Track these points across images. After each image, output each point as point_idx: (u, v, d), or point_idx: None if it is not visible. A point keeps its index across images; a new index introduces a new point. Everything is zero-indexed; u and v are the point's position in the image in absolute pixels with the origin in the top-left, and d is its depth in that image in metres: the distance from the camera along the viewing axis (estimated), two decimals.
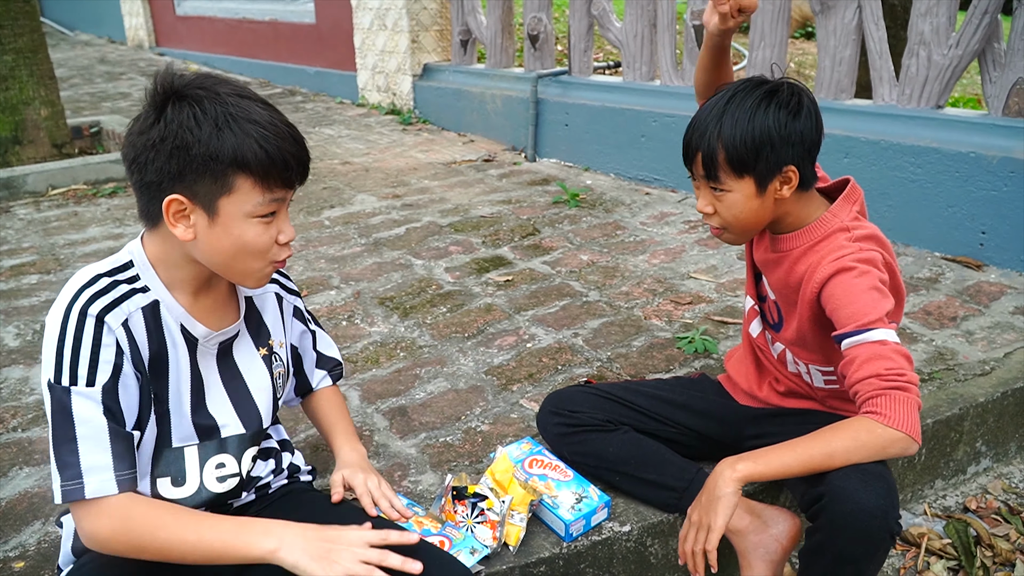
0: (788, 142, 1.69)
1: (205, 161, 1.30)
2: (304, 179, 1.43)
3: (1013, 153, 3.26)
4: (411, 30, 6.32)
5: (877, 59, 3.72)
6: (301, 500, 1.70)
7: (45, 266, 3.68)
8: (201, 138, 1.30)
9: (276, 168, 1.34)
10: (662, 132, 4.64)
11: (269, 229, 1.40)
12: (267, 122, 1.34)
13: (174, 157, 1.31)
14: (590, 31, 5.19)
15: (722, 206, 1.77)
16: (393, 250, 3.76)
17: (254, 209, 1.36)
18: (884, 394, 1.59)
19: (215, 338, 1.53)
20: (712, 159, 1.71)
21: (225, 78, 1.41)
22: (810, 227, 1.81)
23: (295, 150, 1.37)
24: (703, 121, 1.73)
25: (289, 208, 1.46)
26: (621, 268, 3.49)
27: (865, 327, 1.64)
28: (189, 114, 1.31)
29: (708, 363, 2.66)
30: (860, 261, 1.70)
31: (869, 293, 1.67)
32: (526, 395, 2.49)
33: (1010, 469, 2.57)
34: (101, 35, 12.97)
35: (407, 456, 2.21)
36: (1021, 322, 2.87)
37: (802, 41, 9.67)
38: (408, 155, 5.58)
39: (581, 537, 1.88)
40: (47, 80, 5.21)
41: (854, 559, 1.58)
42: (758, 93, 1.69)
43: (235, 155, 1.31)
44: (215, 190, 1.33)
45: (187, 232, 1.36)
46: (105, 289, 1.38)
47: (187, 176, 1.32)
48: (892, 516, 1.55)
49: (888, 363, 1.60)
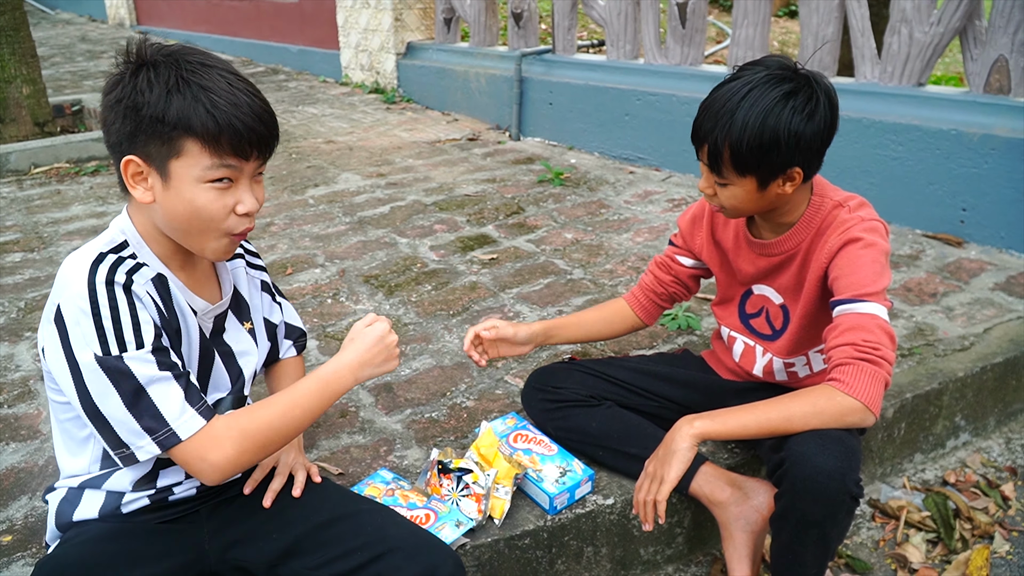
0: (796, 148, 1.66)
1: (152, 123, 1.32)
2: (265, 153, 1.43)
3: (994, 130, 3.28)
4: (394, 8, 6.28)
5: (859, 37, 3.73)
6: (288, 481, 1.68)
7: (28, 244, 3.67)
8: (150, 100, 1.31)
9: (225, 135, 1.34)
10: (646, 110, 4.64)
11: (223, 196, 1.39)
12: (221, 89, 1.34)
13: (127, 118, 1.33)
14: (574, 9, 5.17)
15: (723, 192, 1.77)
16: (378, 228, 3.76)
17: (203, 173, 1.35)
18: (852, 364, 1.62)
19: (211, 311, 1.55)
20: (717, 155, 1.69)
21: (204, 51, 1.42)
22: (807, 217, 1.81)
23: (250, 121, 1.36)
24: (714, 112, 1.68)
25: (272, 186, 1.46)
26: (605, 246, 3.50)
27: (860, 297, 1.67)
28: (144, 77, 1.33)
29: (691, 340, 2.68)
30: (866, 231, 1.72)
31: (872, 266, 1.69)
32: (511, 371, 2.51)
33: (989, 443, 2.60)
34: (82, 13, 12.85)
35: (392, 432, 2.22)
36: (1001, 298, 2.90)
37: (785, 20, 9.68)
38: (392, 134, 5.57)
39: (565, 510, 1.90)
40: (29, 58, 5.17)
41: (817, 522, 1.62)
42: (776, 93, 1.64)
43: (180, 118, 1.31)
44: (164, 152, 1.34)
45: (146, 194, 1.37)
46: (116, 263, 1.38)
47: (139, 137, 1.33)
48: (850, 478, 1.58)
49: (867, 335, 1.63)
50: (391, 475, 1.94)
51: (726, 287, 2.07)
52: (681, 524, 2.08)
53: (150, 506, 1.52)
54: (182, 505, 1.56)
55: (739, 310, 2.04)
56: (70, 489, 1.51)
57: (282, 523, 1.57)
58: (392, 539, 1.47)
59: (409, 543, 1.46)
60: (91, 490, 1.50)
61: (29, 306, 3.02)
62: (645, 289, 2.18)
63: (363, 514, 1.55)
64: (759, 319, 1.99)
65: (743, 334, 2.04)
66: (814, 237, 1.81)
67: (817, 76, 1.70)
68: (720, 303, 2.11)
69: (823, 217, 1.80)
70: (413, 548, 1.45)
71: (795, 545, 1.70)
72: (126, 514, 1.51)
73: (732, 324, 2.06)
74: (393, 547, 1.45)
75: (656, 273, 2.17)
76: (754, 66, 1.71)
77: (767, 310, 1.97)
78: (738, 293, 2.04)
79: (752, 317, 2.01)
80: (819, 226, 1.80)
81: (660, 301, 2.18)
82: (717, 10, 9.83)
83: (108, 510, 1.50)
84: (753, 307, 2.01)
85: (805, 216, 1.82)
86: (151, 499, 1.52)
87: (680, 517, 2.07)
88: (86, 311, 1.31)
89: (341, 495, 1.66)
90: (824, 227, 1.79)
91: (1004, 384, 2.57)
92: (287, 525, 1.56)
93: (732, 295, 2.06)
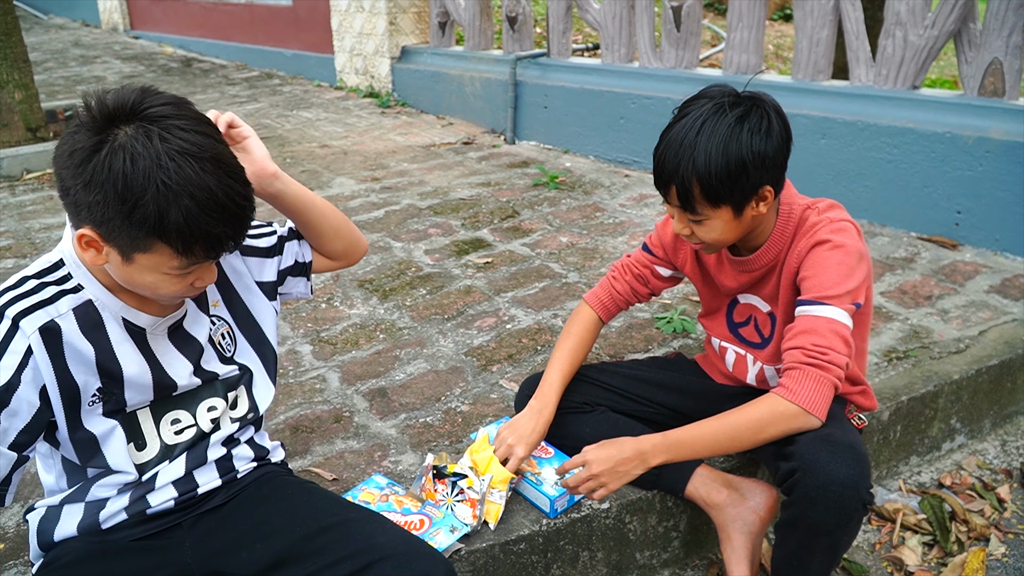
0: (763, 167, 1.65)
1: (124, 224, 1.22)
2: (238, 246, 1.35)
3: (989, 133, 3.29)
4: (389, 12, 6.28)
5: (854, 40, 3.73)
6: (272, 486, 1.64)
7: (21, 250, 3.65)
8: (126, 200, 1.20)
9: (199, 245, 1.26)
10: (641, 114, 4.64)
11: (184, 279, 1.34)
12: (205, 197, 1.23)
13: (95, 208, 1.22)
14: (569, 12, 5.17)
15: (701, 229, 1.74)
16: (372, 232, 3.75)
17: (170, 271, 1.29)
18: (799, 368, 1.64)
19: (162, 324, 1.48)
20: (687, 192, 1.67)
21: (184, 119, 1.27)
22: (779, 227, 1.80)
23: (227, 229, 1.28)
24: (674, 153, 1.66)
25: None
26: (600, 250, 3.49)
27: (819, 300, 1.67)
28: (120, 170, 1.20)
29: (686, 343, 2.67)
30: (834, 232, 1.71)
31: (837, 268, 1.69)
32: (506, 376, 2.50)
33: (984, 446, 2.60)
34: (75, 18, 12.81)
35: (387, 437, 2.21)
36: (996, 300, 2.90)
37: (780, 23, 9.70)
38: (387, 138, 5.56)
39: (561, 514, 1.89)
40: (21, 63, 5.15)
41: (828, 530, 1.61)
42: (729, 120, 1.62)
43: (156, 226, 1.22)
44: (132, 246, 1.26)
45: (98, 259, 1.30)
46: (29, 292, 1.33)
47: (104, 225, 1.24)
48: (863, 486, 1.58)
49: (818, 339, 1.64)
50: (385, 480, 1.93)
51: (710, 299, 2.06)
52: (677, 528, 2.07)
53: (129, 520, 1.49)
54: (162, 518, 1.53)
55: (727, 320, 2.03)
56: (49, 507, 1.50)
57: (267, 533, 1.52)
58: (382, 547, 1.44)
59: (400, 550, 1.43)
60: (70, 504, 1.48)
61: None
62: (616, 297, 2.13)
63: (352, 522, 1.51)
64: (748, 328, 1.98)
65: (733, 343, 2.03)
66: (791, 244, 1.80)
67: (761, 95, 1.70)
68: (707, 315, 2.10)
69: (795, 223, 1.79)
70: (404, 555, 1.43)
71: (802, 552, 1.69)
72: (106, 530, 1.48)
73: (721, 334, 2.05)
74: (384, 555, 1.42)
75: (633, 285, 2.13)
76: (697, 100, 1.70)
77: (755, 318, 1.96)
78: (724, 303, 2.03)
79: (741, 326, 2.00)
80: (793, 233, 1.80)
81: (624, 306, 2.16)
82: (712, 13, 9.84)
83: (87, 525, 1.47)
84: (741, 316, 2.00)
85: (777, 227, 1.81)
86: (129, 512, 1.49)
87: (676, 521, 2.06)
88: None
89: (329, 502, 1.60)
90: (797, 233, 1.79)
91: (999, 386, 2.56)
92: (272, 535, 1.51)
93: (718, 306, 2.05)
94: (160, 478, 1.51)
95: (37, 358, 1.32)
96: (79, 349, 1.37)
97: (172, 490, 1.52)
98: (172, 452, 1.53)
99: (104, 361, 1.40)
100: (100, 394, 1.41)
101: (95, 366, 1.39)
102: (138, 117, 1.23)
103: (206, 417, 1.57)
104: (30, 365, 1.32)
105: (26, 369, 1.31)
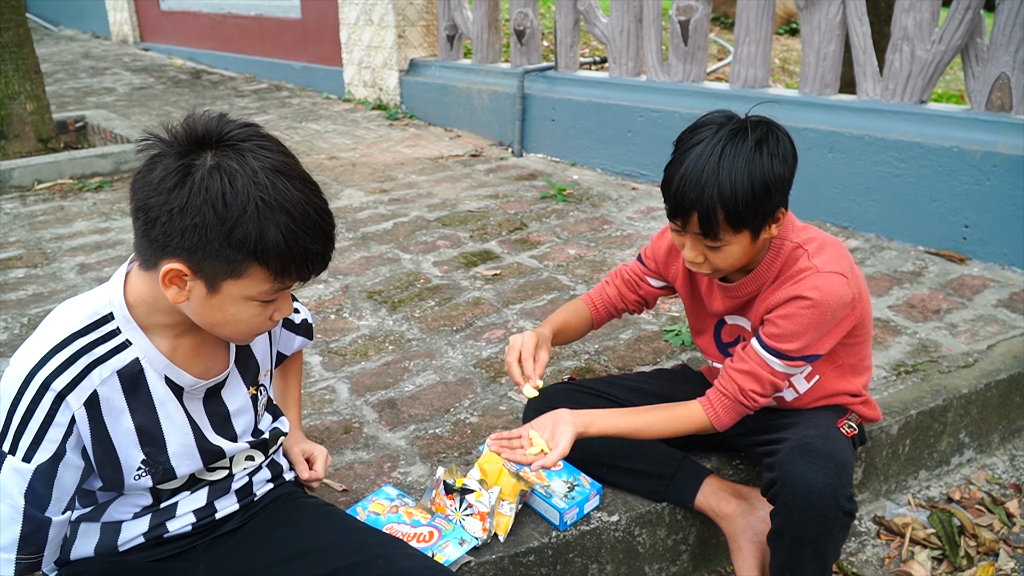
0: (781, 190, 1.66)
1: (222, 246, 1.20)
2: (325, 267, 1.34)
3: (996, 147, 3.29)
4: (397, 25, 6.31)
5: (861, 54, 3.74)
6: (289, 510, 1.63)
7: (32, 260, 3.67)
8: (226, 220, 1.19)
9: (295, 264, 1.26)
10: (648, 127, 4.65)
11: (266, 309, 1.33)
12: (300, 214, 1.23)
13: (191, 232, 1.19)
14: (576, 26, 5.20)
15: (718, 256, 1.73)
16: (381, 244, 3.77)
17: (259, 296, 1.28)
18: (730, 400, 1.80)
19: (202, 387, 1.46)
20: (710, 220, 1.65)
21: (266, 139, 1.28)
22: (767, 261, 1.81)
23: (321, 247, 1.28)
24: (697, 180, 1.64)
25: None
26: (608, 262, 3.50)
27: (776, 351, 1.74)
28: (219, 190, 1.18)
29: (695, 355, 2.68)
30: (815, 288, 1.71)
31: (806, 331, 1.72)
32: (514, 388, 2.50)
33: (993, 460, 2.60)
34: (85, 30, 12.89)
35: (396, 448, 2.22)
36: (1004, 315, 2.90)
37: (786, 37, 9.71)
38: (395, 150, 5.58)
39: (571, 527, 1.89)
40: (32, 75, 5.19)
41: (812, 539, 1.64)
42: (749, 143, 1.63)
43: (256, 247, 1.21)
44: (224, 272, 1.24)
45: (180, 296, 1.27)
46: (75, 356, 1.29)
47: (198, 253, 1.21)
48: (841, 494, 1.61)
49: (757, 387, 1.78)
50: (395, 492, 1.94)
51: (696, 318, 2.07)
52: (686, 541, 2.07)
53: (146, 543, 1.49)
54: (178, 542, 1.53)
55: (715, 340, 2.04)
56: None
57: (283, 558, 1.51)
58: (405, 572, 1.43)
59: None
60: (87, 524, 1.48)
61: (32, 322, 3.02)
62: (607, 302, 2.16)
63: (372, 547, 1.49)
64: (737, 347, 1.98)
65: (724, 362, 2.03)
66: (773, 280, 1.81)
67: (769, 119, 1.70)
68: (696, 334, 2.10)
69: (783, 260, 1.79)
70: None
71: (792, 563, 1.71)
72: (122, 552, 1.48)
73: (712, 355, 2.06)
74: None
75: (622, 290, 2.15)
76: (704, 127, 1.69)
77: (743, 337, 1.97)
78: (711, 324, 2.04)
79: (730, 345, 2.00)
80: (779, 270, 1.80)
81: (616, 313, 2.18)
82: (719, 27, 9.87)
83: (104, 548, 1.47)
84: (729, 336, 2.00)
85: (766, 260, 1.81)
86: (146, 537, 1.49)
87: (685, 534, 2.06)
88: (9, 395, 1.27)
89: (347, 526, 1.59)
90: (783, 271, 1.79)
91: (1008, 401, 2.56)
92: (288, 560, 1.50)
93: (705, 327, 2.05)
94: (181, 507, 1.52)
95: (80, 426, 1.31)
96: (117, 407, 1.35)
97: (191, 516, 1.53)
98: (196, 484, 1.53)
99: (144, 424, 1.38)
100: (145, 466, 1.40)
101: (135, 431, 1.37)
102: (223, 141, 1.23)
103: (242, 465, 1.59)
104: (74, 433, 1.30)
105: (70, 437, 1.30)
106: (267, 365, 1.63)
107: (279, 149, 1.27)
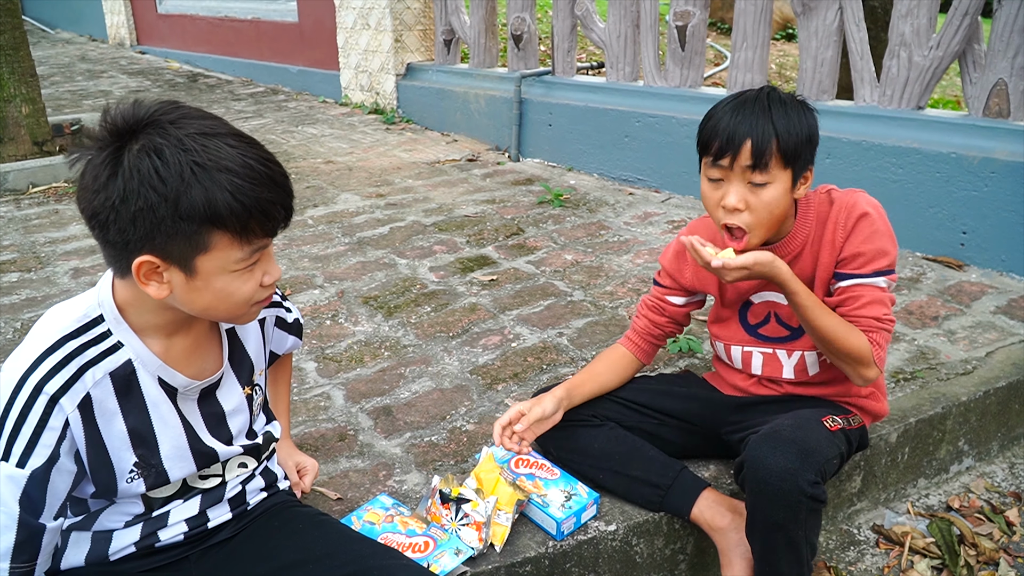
0: (816, 144, 1.79)
1: (175, 222, 1.19)
2: (289, 222, 1.32)
3: (994, 154, 3.29)
4: (394, 29, 6.30)
5: (858, 60, 3.74)
6: (283, 519, 1.61)
7: (26, 264, 3.65)
8: (167, 195, 1.17)
9: (255, 219, 1.23)
10: (645, 132, 4.64)
11: (253, 275, 1.31)
12: (240, 166, 1.21)
13: (139, 219, 1.18)
14: (573, 31, 5.19)
15: (758, 201, 1.74)
16: (377, 249, 3.75)
17: (236, 264, 1.26)
18: (879, 332, 1.80)
19: (196, 387, 1.45)
20: (764, 147, 1.71)
21: (186, 109, 1.26)
22: (801, 212, 1.88)
23: (275, 195, 1.26)
24: (749, 113, 1.73)
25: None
26: (605, 268, 3.49)
27: (877, 271, 1.80)
28: (150, 168, 1.17)
29: (692, 362, 2.67)
30: (869, 204, 1.83)
31: (883, 240, 1.81)
32: (511, 394, 2.49)
33: (992, 468, 2.59)
34: (82, 33, 12.88)
35: (392, 456, 2.20)
36: (1002, 321, 2.89)
37: (783, 43, 9.72)
38: (391, 154, 5.57)
39: (568, 536, 1.87)
40: (28, 78, 5.17)
41: (779, 524, 1.66)
42: (793, 100, 1.77)
43: (207, 212, 1.19)
44: (190, 250, 1.22)
45: (161, 289, 1.26)
46: (67, 359, 1.28)
47: (157, 238, 1.20)
48: (803, 477, 1.62)
49: (885, 309, 1.81)
50: (391, 501, 1.92)
51: (719, 307, 2.07)
52: (684, 551, 2.06)
53: (137, 553, 1.48)
54: (170, 551, 1.51)
55: (742, 324, 2.03)
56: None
57: (276, 568, 1.50)
58: None
59: None
60: (77, 532, 1.46)
61: (26, 327, 3.00)
62: (641, 333, 2.15)
63: (366, 558, 1.48)
64: (768, 326, 1.99)
65: (757, 345, 2.02)
66: (817, 225, 1.87)
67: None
68: (717, 322, 2.09)
69: (818, 205, 1.88)
70: None
71: (768, 554, 1.72)
72: (113, 561, 1.47)
73: (739, 339, 2.04)
74: None
75: (649, 316, 2.15)
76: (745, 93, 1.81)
77: (775, 314, 1.97)
78: (735, 308, 2.03)
79: (759, 326, 2.01)
80: (817, 214, 1.88)
81: (657, 341, 2.17)
82: (716, 32, 9.87)
83: (95, 558, 1.45)
84: (756, 316, 2.00)
85: (800, 212, 1.88)
86: (138, 546, 1.47)
87: (683, 544, 2.05)
88: (2, 400, 1.26)
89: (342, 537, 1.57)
90: (822, 214, 1.87)
91: (1007, 408, 2.55)
92: (282, 571, 1.49)
93: (729, 313, 2.05)
94: (173, 516, 1.50)
95: (73, 429, 1.30)
96: (110, 410, 1.34)
97: (184, 525, 1.51)
98: (189, 492, 1.52)
99: (137, 426, 1.37)
100: (138, 469, 1.39)
101: (127, 433, 1.36)
102: (145, 124, 1.21)
103: (235, 472, 1.58)
104: (68, 437, 1.29)
105: (64, 442, 1.29)
106: (262, 364, 1.63)
107: (202, 115, 1.25)
